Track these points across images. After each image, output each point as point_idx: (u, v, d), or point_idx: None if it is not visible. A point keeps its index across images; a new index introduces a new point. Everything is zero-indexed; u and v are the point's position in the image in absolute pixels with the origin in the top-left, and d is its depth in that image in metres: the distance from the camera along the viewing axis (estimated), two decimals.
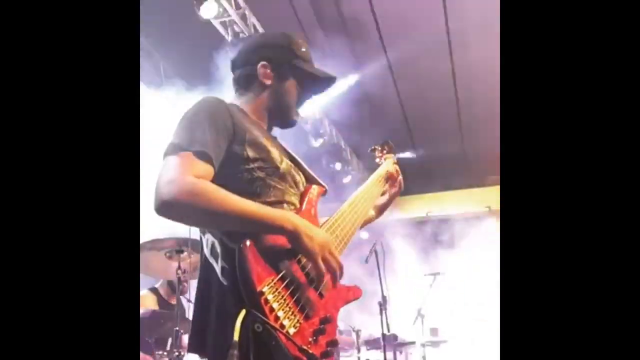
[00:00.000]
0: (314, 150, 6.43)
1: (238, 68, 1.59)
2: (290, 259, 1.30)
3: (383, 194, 1.99)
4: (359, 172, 7.49)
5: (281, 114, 1.56)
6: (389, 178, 2.00)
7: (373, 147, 2.19)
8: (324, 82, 1.62)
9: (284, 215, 1.29)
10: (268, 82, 1.53)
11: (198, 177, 1.24)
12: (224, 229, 1.30)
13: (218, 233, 1.33)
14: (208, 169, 1.28)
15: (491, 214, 7.84)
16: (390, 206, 2.02)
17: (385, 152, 2.16)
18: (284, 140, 1.66)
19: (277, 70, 1.54)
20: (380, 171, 1.98)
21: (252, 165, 1.37)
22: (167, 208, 1.20)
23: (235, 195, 1.25)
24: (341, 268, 1.36)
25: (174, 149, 1.28)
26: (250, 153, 1.37)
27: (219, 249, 1.31)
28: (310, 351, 1.17)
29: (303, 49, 1.58)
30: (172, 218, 1.23)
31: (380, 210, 1.98)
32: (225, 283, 1.26)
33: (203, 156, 1.27)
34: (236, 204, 1.24)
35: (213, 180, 1.28)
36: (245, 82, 1.57)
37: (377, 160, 2.15)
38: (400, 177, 2.05)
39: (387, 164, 2.06)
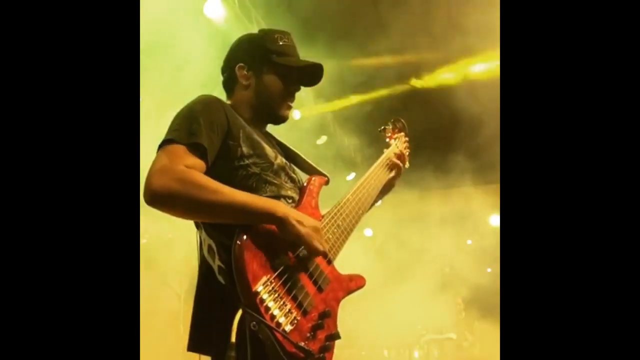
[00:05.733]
0: (317, 148, 6.43)
1: (223, 73, 1.63)
2: (288, 254, 1.30)
3: (390, 178, 1.84)
4: (363, 170, 7.46)
5: (267, 111, 1.58)
6: (399, 158, 1.86)
7: (383, 127, 2.02)
8: (308, 72, 1.61)
9: (274, 203, 1.30)
10: (247, 82, 1.57)
11: (189, 168, 1.25)
12: (215, 220, 1.30)
13: (212, 231, 1.33)
14: (200, 162, 1.30)
15: None
16: (393, 188, 1.88)
17: (396, 131, 2.02)
18: (287, 139, 1.67)
19: (254, 69, 1.57)
20: (388, 154, 1.86)
21: (247, 162, 1.39)
22: (158, 198, 1.20)
23: (226, 186, 1.26)
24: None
25: (166, 142, 1.30)
26: (245, 149, 1.40)
27: (215, 248, 1.31)
28: (307, 347, 1.17)
29: (280, 43, 1.58)
30: (163, 208, 1.23)
31: (383, 193, 1.86)
32: (222, 282, 1.27)
33: (196, 149, 1.29)
34: (227, 192, 1.24)
35: (207, 175, 1.29)
36: (229, 85, 1.62)
37: (387, 140, 1.99)
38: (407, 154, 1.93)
39: (396, 145, 1.93)
